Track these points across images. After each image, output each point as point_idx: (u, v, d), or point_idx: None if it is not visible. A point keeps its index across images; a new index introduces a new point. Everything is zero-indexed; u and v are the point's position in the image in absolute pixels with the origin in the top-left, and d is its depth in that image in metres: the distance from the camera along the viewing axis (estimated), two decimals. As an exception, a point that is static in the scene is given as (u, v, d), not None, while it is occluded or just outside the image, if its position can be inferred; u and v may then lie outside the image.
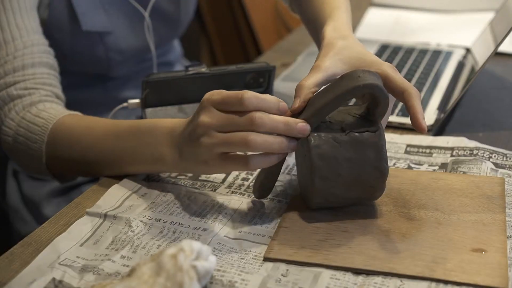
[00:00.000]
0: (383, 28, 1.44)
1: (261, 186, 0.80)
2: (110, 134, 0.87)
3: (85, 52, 1.13)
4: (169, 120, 0.82)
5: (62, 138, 0.90)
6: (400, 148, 0.94)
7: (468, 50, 1.27)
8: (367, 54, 0.81)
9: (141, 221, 0.78)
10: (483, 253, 0.70)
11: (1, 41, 0.95)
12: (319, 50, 0.84)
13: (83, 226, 0.78)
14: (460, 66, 1.21)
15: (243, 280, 0.68)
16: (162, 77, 0.95)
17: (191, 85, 0.97)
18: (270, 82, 1.01)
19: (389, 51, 1.28)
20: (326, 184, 0.74)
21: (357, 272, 0.69)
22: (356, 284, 0.68)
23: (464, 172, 0.86)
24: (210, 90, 0.97)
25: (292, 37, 1.47)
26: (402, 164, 0.90)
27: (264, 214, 0.80)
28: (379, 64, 0.78)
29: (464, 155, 0.90)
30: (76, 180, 1.14)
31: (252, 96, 0.72)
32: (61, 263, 0.72)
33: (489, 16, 1.36)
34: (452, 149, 0.92)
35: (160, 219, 0.79)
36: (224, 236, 0.76)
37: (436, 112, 1.03)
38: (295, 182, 0.86)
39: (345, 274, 0.69)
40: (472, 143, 0.93)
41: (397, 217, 0.77)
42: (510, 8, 1.09)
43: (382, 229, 0.75)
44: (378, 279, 0.68)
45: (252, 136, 0.71)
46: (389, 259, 0.70)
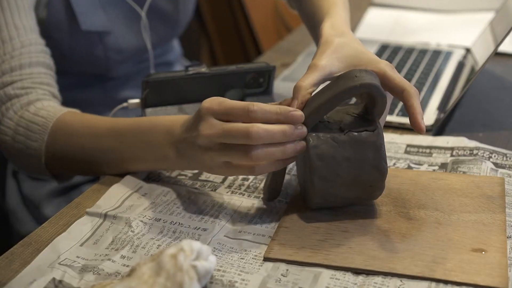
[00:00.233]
0: (383, 28, 1.43)
1: (269, 188, 0.81)
2: (111, 132, 0.87)
3: (84, 52, 1.12)
4: (167, 118, 0.82)
5: (62, 136, 0.90)
6: (400, 148, 0.94)
7: (468, 50, 1.27)
8: (364, 52, 0.80)
9: (141, 221, 0.78)
10: (483, 253, 0.70)
11: None
12: (317, 47, 0.83)
13: (83, 226, 0.78)
14: (460, 66, 1.21)
15: (243, 280, 0.68)
16: (162, 77, 0.95)
17: (191, 85, 0.97)
18: (270, 82, 1.01)
19: (389, 51, 1.28)
20: (325, 184, 0.74)
21: (357, 272, 0.69)
22: (356, 284, 0.68)
23: (464, 172, 0.86)
24: (210, 90, 0.98)
25: (292, 37, 1.47)
26: (402, 164, 0.90)
27: (264, 214, 0.80)
28: (376, 63, 0.78)
29: (464, 155, 0.90)
30: (76, 180, 1.14)
31: (258, 109, 0.72)
32: (61, 263, 0.72)
33: (489, 16, 1.36)
34: (452, 149, 0.92)
35: (160, 219, 0.79)
36: (224, 236, 0.76)
37: (436, 112, 1.03)
38: (295, 182, 0.86)
39: (345, 274, 0.69)
40: (472, 143, 0.93)
41: (397, 217, 0.77)
42: (510, 8, 1.09)
43: (382, 229, 0.75)
44: (378, 279, 0.68)
45: (254, 151, 0.72)
46: (389, 259, 0.70)
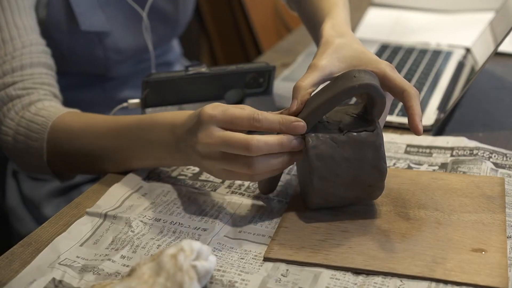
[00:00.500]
0: (383, 28, 1.43)
1: (267, 182, 0.81)
2: (111, 131, 0.87)
3: (83, 52, 1.12)
4: (169, 115, 0.82)
5: (62, 135, 0.90)
6: (400, 148, 0.94)
7: (468, 50, 1.27)
8: (365, 53, 0.80)
9: (141, 221, 0.78)
10: (483, 253, 0.70)
11: None
12: (317, 48, 0.83)
13: (83, 226, 0.78)
14: (460, 66, 1.21)
15: (243, 280, 0.68)
16: (162, 77, 0.95)
17: (191, 85, 0.97)
18: (270, 82, 1.01)
19: (389, 51, 1.28)
20: (325, 184, 0.74)
21: (357, 272, 0.69)
22: (356, 284, 0.68)
23: (464, 172, 0.86)
24: (210, 90, 0.98)
25: (292, 37, 1.47)
26: (402, 164, 0.90)
27: (264, 214, 0.80)
28: (376, 63, 0.78)
29: (464, 155, 0.90)
30: (76, 180, 1.14)
31: (263, 119, 0.73)
32: (61, 263, 0.72)
33: (489, 16, 1.36)
34: (452, 149, 0.92)
35: (160, 219, 0.79)
36: (224, 236, 0.76)
37: (436, 112, 1.03)
38: (295, 182, 0.86)
39: (345, 274, 0.69)
40: (472, 143, 0.93)
41: (397, 217, 0.77)
42: (510, 8, 1.09)
43: (382, 229, 0.75)
44: (378, 279, 0.68)
45: (253, 162, 0.72)
46: (389, 259, 0.70)
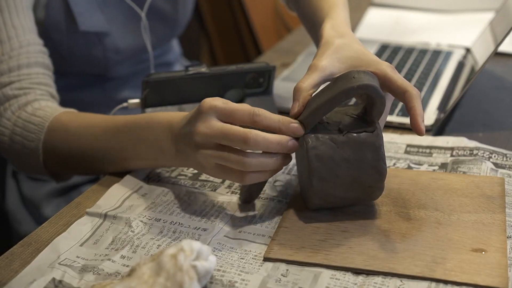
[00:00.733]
0: (383, 28, 1.43)
1: (248, 191, 0.80)
2: (109, 130, 0.87)
3: (82, 52, 1.12)
4: (166, 114, 0.82)
5: (59, 135, 0.90)
6: (400, 148, 0.94)
7: (468, 50, 1.27)
8: (365, 53, 0.80)
9: (141, 221, 0.78)
10: (483, 253, 0.70)
11: None
12: (317, 48, 0.83)
13: (83, 226, 0.78)
14: (460, 66, 1.21)
15: (243, 280, 0.68)
16: (162, 77, 0.95)
17: (191, 85, 0.97)
18: (270, 82, 1.01)
19: (389, 51, 1.28)
20: (324, 185, 0.74)
21: (357, 272, 0.69)
22: (356, 284, 0.68)
23: (464, 172, 0.86)
24: (210, 90, 0.98)
25: (292, 37, 1.47)
26: (402, 164, 0.90)
27: (264, 214, 0.80)
28: (377, 64, 0.78)
29: (464, 155, 0.90)
30: (76, 180, 1.14)
31: (263, 115, 0.73)
32: (61, 263, 0.72)
33: (489, 16, 1.36)
34: (452, 149, 0.92)
35: (160, 219, 0.79)
36: (224, 236, 0.76)
37: (436, 112, 1.03)
38: (295, 182, 0.86)
39: (345, 274, 0.69)
40: (472, 143, 0.93)
41: (397, 217, 0.77)
42: (510, 8, 1.09)
43: (382, 229, 0.75)
44: (378, 279, 0.68)
45: (248, 159, 0.72)
46: (389, 259, 0.70)
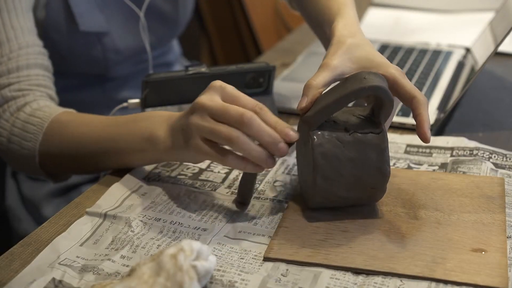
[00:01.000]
0: (383, 28, 1.43)
1: (239, 192, 0.81)
2: (107, 127, 0.87)
3: (82, 52, 1.12)
4: (166, 111, 0.84)
5: (57, 134, 0.90)
6: (400, 148, 0.94)
7: (468, 50, 1.27)
8: (376, 55, 0.80)
9: (141, 221, 0.78)
10: (483, 253, 0.70)
11: None
12: (328, 46, 0.83)
13: (83, 226, 0.78)
14: (460, 66, 1.21)
15: (243, 280, 0.68)
16: (162, 77, 0.95)
17: (191, 85, 0.97)
18: (270, 82, 1.01)
19: (389, 51, 1.28)
20: (328, 184, 0.74)
21: (357, 272, 0.69)
22: (356, 284, 0.68)
23: (464, 172, 0.86)
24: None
25: (292, 37, 1.47)
26: (402, 164, 0.90)
27: (264, 214, 0.80)
28: (387, 67, 0.78)
29: (464, 155, 0.90)
30: (76, 180, 1.14)
31: (265, 108, 0.74)
32: (61, 263, 0.72)
33: (489, 16, 1.36)
34: (452, 149, 0.92)
35: (160, 219, 0.79)
36: (224, 236, 0.76)
37: (436, 112, 1.03)
38: (295, 182, 0.86)
39: (345, 274, 0.69)
40: (472, 143, 0.93)
41: (397, 217, 0.77)
42: (510, 8, 1.09)
43: (382, 229, 0.75)
44: (378, 279, 0.68)
45: (236, 134, 0.72)
46: (389, 259, 0.70)
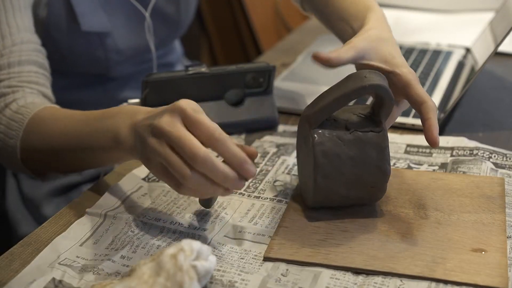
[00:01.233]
0: (383, 28, 1.43)
1: (199, 200, 0.79)
2: (79, 118, 0.84)
3: (83, 52, 1.12)
4: (135, 106, 0.80)
5: (36, 130, 0.88)
6: (400, 148, 0.94)
7: (468, 50, 1.27)
8: (397, 55, 0.82)
9: (141, 221, 0.78)
10: (483, 253, 0.70)
11: None
12: (358, 32, 0.85)
13: (83, 226, 0.78)
14: (460, 66, 1.21)
15: (243, 280, 0.68)
16: (162, 77, 0.95)
17: (191, 85, 0.97)
18: (270, 82, 1.01)
19: (389, 51, 1.27)
20: (328, 182, 0.75)
21: (357, 272, 0.69)
22: (356, 284, 0.68)
23: (464, 172, 0.86)
24: (210, 90, 0.98)
25: (292, 37, 1.47)
26: (402, 164, 0.90)
27: (264, 214, 0.80)
28: (403, 67, 0.80)
29: (464, 155, 0.90)
30: (76, 180, 1.14)
31: (222, 141, 0.68)
32: (61, 263, 0.72)
33: (489, 16, 1.36)
34: (452, 149, 0.92)
35: (160, 219, 0.79)
36: (224, 236, 0.76)
37: (436, 112, 1.03)
38: (295, 182, 0.86)
39: (345, 274, 0.69)
40: (472, 143, 0.93)
41: (397, 217, 0.77)
42: (510, 8, 1.09)
43: (382, 229, 0.75)
44: (378, 279, 0.68)
45: (189, 174, 0.68)
46: (389, 259, 0.70)
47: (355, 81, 0.73)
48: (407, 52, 1.27)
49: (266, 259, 0.72)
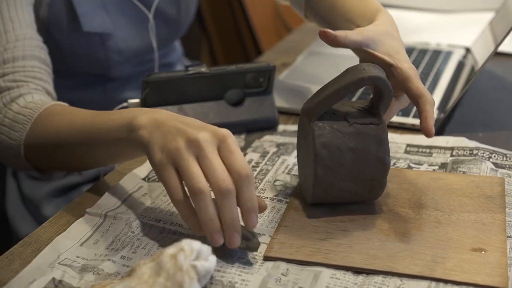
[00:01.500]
0: (383, 28, 1.43)
1: None
2: (91, 113, 0.83)
3: (84, 52, 1.12)
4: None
5: (43, 125, 0.87)
6: (400, 148, 0.94)
7: (468, 50, 1.27)
8: (402, 51, 0.85)
9: (141, 222, 0.78)
10: (483, 252, 0.70)
11: None
12: (369, 24, 0.88)
13: (83, 226, 0.78)
14: (460, 66, 1.21)
15: (243, 281, 0.68)
16: (162, 77, 0.95)
17: (191, 85, 0.97)
18: (270, 82, 1.01)
19: (389, 51, 1.27)
20: (328, 175, 0.75)
21: (357, 271, 0.69)
22: (356, 283, 0.68)
23: (464, 172, 0.86)
24: (210, 90, 0.98)
25: (292, 37, 1.47)
26: (402, 164, 0.90)
27: (264, 214, 0.79)
28: (405, 62, 0.82)
29: (464, 155, 0.90)
30: (76, 180, 1.14)
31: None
32: (61, 263, 0.72)
33: (489, 16, 1.36)
34: (452, 149, 0.92)
35: (160, 220, 0.79)
36: (224, 236, 0.76)
37: (436, 112, 1.03)
38: (295, 182, 0.86)
39: (345, 274, 0.69)
40: (472, 143, 0.93)
41: (396, 216, 0.77)
42: (510, 8, 1.09)
43: (382, 229, 0.75)
44: (378, 279, 0.68)
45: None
46: (389, 259, 0.70)
47: (354, 74, 0.74)
48: (407, 52, 1.25)
49: (266, 258, 0.71)
